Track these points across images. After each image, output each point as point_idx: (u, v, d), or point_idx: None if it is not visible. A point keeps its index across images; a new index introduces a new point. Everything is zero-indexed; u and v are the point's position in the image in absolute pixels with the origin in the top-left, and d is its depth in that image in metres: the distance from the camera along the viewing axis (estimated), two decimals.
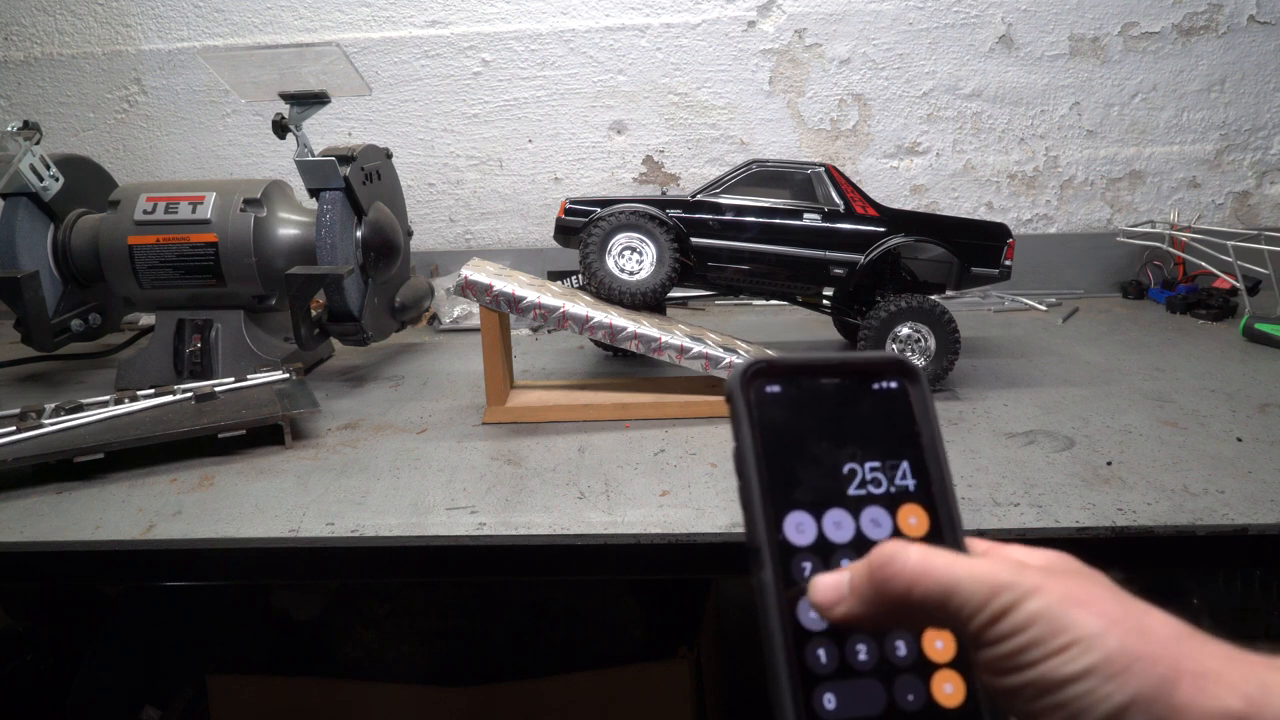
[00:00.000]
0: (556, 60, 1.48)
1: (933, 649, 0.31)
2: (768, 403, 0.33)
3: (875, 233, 0.96)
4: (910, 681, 0.31)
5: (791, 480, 0.33)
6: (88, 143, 1.55)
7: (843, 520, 0.32)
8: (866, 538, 0.32)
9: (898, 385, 0.34)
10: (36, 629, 1.31)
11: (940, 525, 0.33)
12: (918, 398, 0.34)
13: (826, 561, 0.32)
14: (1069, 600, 0.28)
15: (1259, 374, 0.99)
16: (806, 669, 0.31)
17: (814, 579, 0.31)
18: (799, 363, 0.34)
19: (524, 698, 1.06)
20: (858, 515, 0.32)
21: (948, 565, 0.29)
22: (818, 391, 0.34)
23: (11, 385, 1.10)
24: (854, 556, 0.32)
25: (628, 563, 0.68)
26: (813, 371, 0.34)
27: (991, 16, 1.43)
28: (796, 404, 0.33)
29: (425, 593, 1.20)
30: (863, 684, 0.31)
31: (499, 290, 0.87)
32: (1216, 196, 1.48)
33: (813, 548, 0.32)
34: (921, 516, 0.33)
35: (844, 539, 0.32)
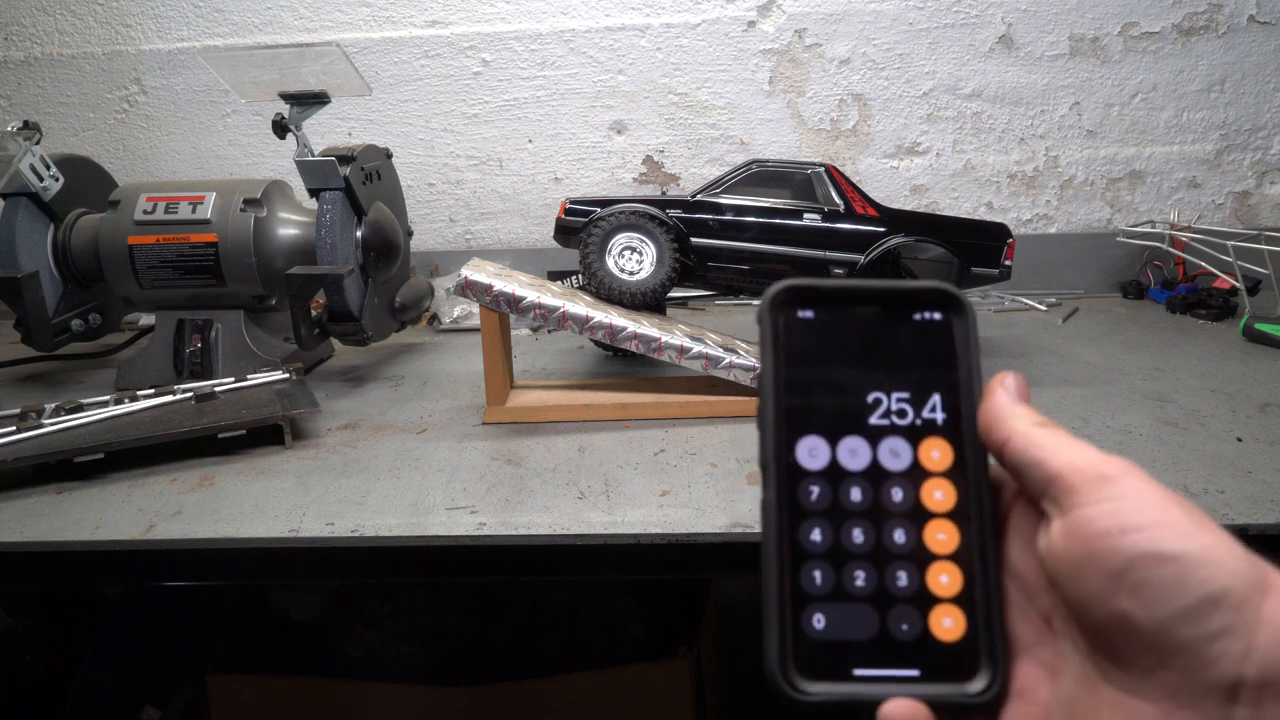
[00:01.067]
0: (556, 60, 1.48)
1: (937, 583, 0.31)
2: (797, 327, 0.33)
3: (875, 233, 0.96)
4: (906, 611, 0.31)
5: (811, 405, 0.32)
6: (88, 143, 1.55)
7: (859, 448, 0.32)
8: (882, 467, 0.32)
9: (941, 317, 0.33)
10: (36, 629, 1.31)
11: (965, 460, 0.32)
12: (960, 331, 0.33)
13: (835, 487, 0.32)
14: (1158, 490, 0.28)
15: (1259, 374, 0.99)
16: (799, 589, 0.31)
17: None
18: (834, 288, 0.33)
19: (524, 698, 1.06)
20: (876, 444, 0.32)
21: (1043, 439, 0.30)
22: (852, 318, 0.33)
23: (11, 385, 1.10)
24: (866, 485, 0.32)
25: (628, 563, 0.68)
26: (849, 298, 0.33)
27: (991, 16, 1.43)
28: (827, 329, 0.33)
29: (425, 593, 1.20)
30: (855, 608, 0.31)
31: (499, 290, 0.87)
32: (1216, 196, 1.48)
33: (823, 473, 0.32)
34: (945, 450, 0.32)
35: (858, 467, 0.32)
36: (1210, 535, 0.26)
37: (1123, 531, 0.27)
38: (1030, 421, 0.31)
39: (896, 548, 0.31)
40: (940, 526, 0.31)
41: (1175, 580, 0.26)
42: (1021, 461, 0.30)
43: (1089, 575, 0.27)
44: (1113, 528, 0.27)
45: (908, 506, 0.32)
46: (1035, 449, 0.30)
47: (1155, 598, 0.26)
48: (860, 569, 0.31)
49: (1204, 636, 0.25)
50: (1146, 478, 0.28)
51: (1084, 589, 0.28)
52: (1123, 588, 0.26)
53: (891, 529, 0.31)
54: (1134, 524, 0.27)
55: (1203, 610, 0.25)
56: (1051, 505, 0.29)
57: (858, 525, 0.31)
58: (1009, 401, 0.31)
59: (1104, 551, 0.27)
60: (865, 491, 0.32)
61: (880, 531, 0.31)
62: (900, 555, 0.31)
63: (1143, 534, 0.27)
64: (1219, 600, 0.25)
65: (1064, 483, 0.29)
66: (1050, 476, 0.29)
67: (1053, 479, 0.29)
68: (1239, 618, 0.25)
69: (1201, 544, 0.26)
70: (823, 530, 0.31)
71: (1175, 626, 0.26)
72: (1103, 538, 0.27)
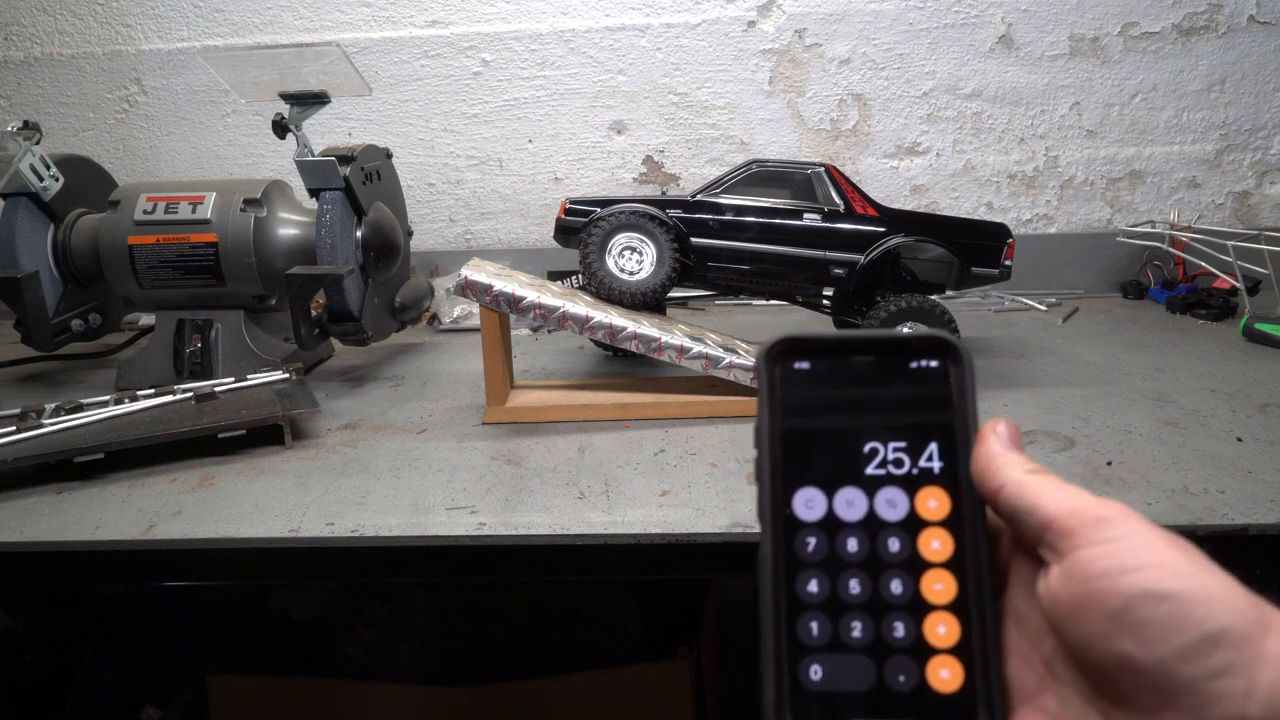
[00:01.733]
0: (556, 60, 1.48)
1: (934, 633, 0.31)
2: (794, 378, 0.33)
3: (875, 233, 0.96)
4: (903, 663, 0.30)
5: (808, 456, 0.33)
6: (88, 143, 1.55)
7: (855, 498, 0.32)
8: (879, 518, 0.32)
9: (938, 364, 0.33)
10: (36, 629, 1.31)
11: (962, 509, 0.32)
12: (957, 379, 0.33)
13: (832, 539, 0.32)
14: (1154, 531, 0.28)
15: (1259, 374, 0.99)
16: (796, 640, 0.31)
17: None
18: (830, 340, 0.34)
19: (524, 698, 1.06)
20: (873, 494, 0.32)
21: (1035, 486, 0.30)
22: (848, 368, 0.33)
23: (11, 385, 1.10)
24: (863, 536, 0.32)
25: (628, 563, 0.68)
26: (845, 349, 0.33)
27: (991, 16, 1.43)
28: (823, 380, 0.33)
29: (425, 593, 1.20)
30: (852, 659, 0.30)
31: (499, 290, 0.87)
32: (1216, 196, 1.48)
33: (820, 524, 0.32)
34: (942, 499, 0.32)
35: (854, 518, 0.32)
36: (1209, 575, 0.27)
37: (1122, 572, 0.27)
38: (1022, 469, 0.31)
39: (893, 598, 0.31)
40: (938, 576, 0.31)
41: (1175, 619, 0.26)
42: (1015, 509, 0.30)
43: (1088, 617, 0.27)
44: (1111, 568, 0.27)
45: (905, 557, 0.32)
46: (1029, 496, 0.30)
47: (1155, 637, 0.26)
48: (857, 620, 0.31)
49: (1205, 675, 0.25)
50: (1143, 519, 0.28)
51: (1083, 631, 0.28)
52: (1123, 628, 0.26)
53: (888, 579, 0.31)
54: (1133, 564, 0.27)
55: (1203, 649, 0.25)
56: (1048, 550, 0.29)
57: (855, 576, 0.31)
58: (1001, 449, 0.31)
59: (1103, 592, 0.27)
60: (862, 542, 0.32)
61: (877, 582, 0.31)
62: (897, 606, 0.31)
63: (1141, 574, 0.27)
64: (1219, 639, 0.25)
65: (1060, 527, 0.29)
66: (1045, 522, 0.29)
67: (1048, 524, 0.29)
68: (1240, 656, 0.25)
69: (1200, 583, 0.26)
70: (819, 581, 0.31)
71: (1176, 666, 0.26)
72: (1101, 578, 0.27)
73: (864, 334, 0.34)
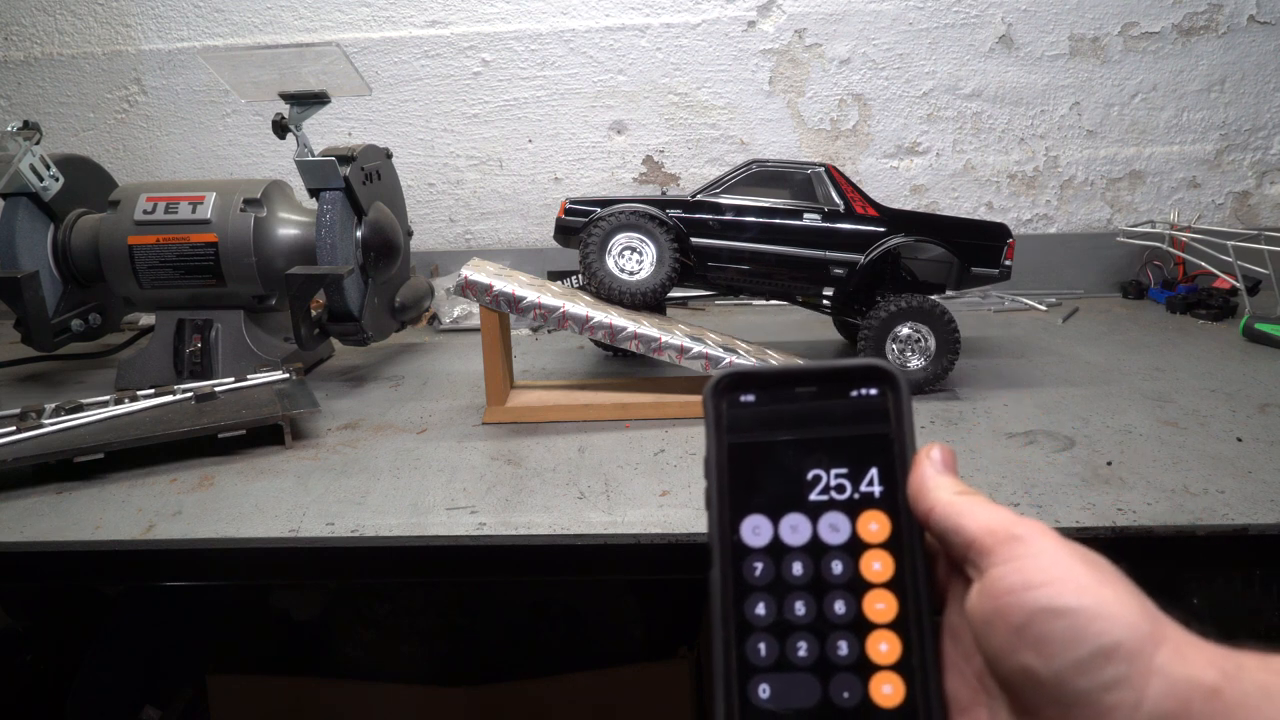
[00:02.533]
0: (556, 60, 1.48)
1: (876, 651, 0.32)
2: (740, 411, 0.35)
3: (875, 233, 0.96)
4: (847, 679, 0.31)
5: (754, 485, 0.34)
6: (88, 143, 1.55)
7: (799, 524, 0.33)
8: (822, 541, 0.33)
9: (876, 392, 0.34)
10: (36, 629, 1.31)
11: (901, 531, 0.33)
12: (894, 404, 0.34)
13: (778, 563, 0.33)
14: (1064, 548, 0.29)
15: (1259, 374, 0.99)
16: (745, 661, 0.32)
17: None
18: (772, 373, 0.35)
19: (524, 698, 1.06)
20: (816, 520, 0.33)
21: (959, 503, 0.31)
22: (791, 399, 0.35)
23: (11, 385, 1.10)
24: (807, 560, 0.33)
25: (628, 563, 0.68)
26: (787, 381, 0.35)
27: (991, 16, 1.43)
28: (767, 412, 0.35)
29: (425, 593, 1.20)
30: (798, 678, 0.32)
31: (499, 290, 0.87)
32: (1216, 196, 1.48)
33: (766, 549, 0.33)
34: (883, 522, 0.33)
35: (798, 542, 0.33)
36: (1109, 590, 0.28)
37: (1026, 588, 0.28)
38: (951, 490, 0.32)
39: (837, 618, 0.32)
40: (879, 596, 0.32)
41: (1072, 633, 0.27)
42: (944, 529, 0.31)
43: (996, 631, 0.29)
44: (1017, 584, 0.28)
45: (847, 578, 0.33)
46: (954, 516, 0.31)
47: (1053, 650, 0.27)
48: (803, 640, 0.32)
49: (1099, 687, 0.26)
50: (1057, 537, 0.29)
51: (993, 644, 0.29)
52: (1025, 642, 0.28)
53: (832, 600, 0.32)
54: (1036, 580, 0.28)
55: (1096, 662, 0.27)
56: (972, 569, 0.31)
57: (800, 598, 0.32)
58: (933, 473, 0.33)
59: (1008, 608, 0.28)
60: (806, 566, 0.33)
61: (821, 603, 0.32)
62: (841, 625, 0.32)
63: (1043, 590, 0.28)
64: (1111, 652, 0.26)
65: (979, 545, 0.30)
66: (968, 541, 0.30)
67: (970, 543, 0.30)
68: (1131, 669, 0.26)
69: (1098, 598, 0.27)
70: (766, 604, 0.33)
71: (1072, 678, 0.27)
72: (1008, 594, 0.28)
73: (804, 367, 0.35)
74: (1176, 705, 0.26)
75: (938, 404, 0.92)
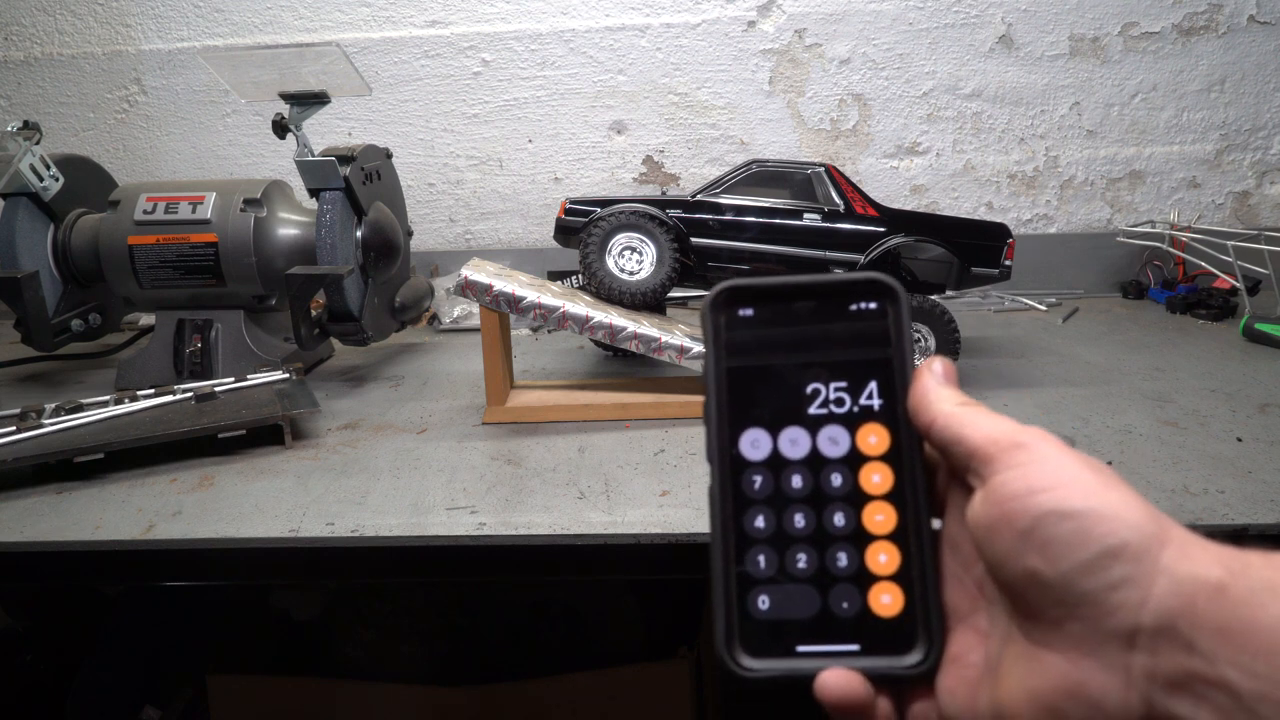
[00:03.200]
0: (556, 60, 1.48)
1: (875, 561, 0.32)
2: (738, 325, 0.35)
3: (875, 233, 0.96)
4: (847, 590, 0.32)
5: (753, 399, 0.34)
6: (88, 143, 1.55)
7: (799, 437, 0.34)
8: (821, 454, 0.33)
9: (876, 305, 0.34)
10: (36, 629, 1.31)
11: (901, 443, 0.33)
12: (894, 318, 0.34)
13: (777, 476, 0.33)
14: (1067, 453, 0.29)
15: (1259, 374, 0.99)
16: (745, 573, 0.32)
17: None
18: (772, 285, 0.35)
19: (524, 698, 1.06)
20: (815, 433, 0.33)
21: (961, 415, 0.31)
22: (790, 313, 0.34)
23: (11, 385, 1.10)
24: (806, 473, 0.33)
25: (628, 563, 0.68)
26: (786, 294, 0.35)
27: (991, 16, 1.43)
28: (766, 325, 0.35)
29: (425, 593, 1.20)
30: (797, 589, 0.32)
31: (499, 290, 0.87)
32: (1216, 196, 1.48)
33: (765, 462, 0.33)
34: (882, 435, 0.33)
35: (798, 455, 0.33)
36: (1114, 493, 0.28)
37: (1030, 492, 0.28)
38: (953, 402, 0.32)
39: (836, 530, 0.33)
40: (878, 508, 0.33)
41: (1077, 535, 0.27)
42: (945, 440, 0.32)
43: (1001, 536, 0.29)
44: (1022, 489, 0.28)
45: (847, 490, 0.33)
46: (956, 427, 0.31)
47: (1059, 553, 0.27)
48: (802, 552, 0.32)
49: (1104, 587, 0.27)
50: (1059, 443, 0.30)
51: (997, 550, 0.29)
52: (1030, 545, 0.28)
53: (832, 513, 0.33)
54: (1041, 485, 0.28)
55: (1102, 563, 0.27)
56: (974, 477, 0.31)
57: (799, 511, 0.33)
58: (935, 384, 0.33)
59: (1014, 512, 0.28)
60: (805, 478, 0.33)
61: (821, 515, 0.33)
62: (840, 537, 0.32)
63: (1049, 494, 0.28)
64: (1118, 552, 0.27)
65: (982, 454, 0.30)
66: (971, 450, 0.31)
67: (973, 452, 0.31)
68: (1137, 569, 0.27)
69: (1104, 500, 0.27)
70: (765, 517, 0.33)
71: (1078, 579, 0.27)
72: (1013, 499, 0.28)
73: (803, 279, 0.35)
74: (1181, 603, 0.26)
75: None
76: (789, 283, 0.34)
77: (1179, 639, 0.26)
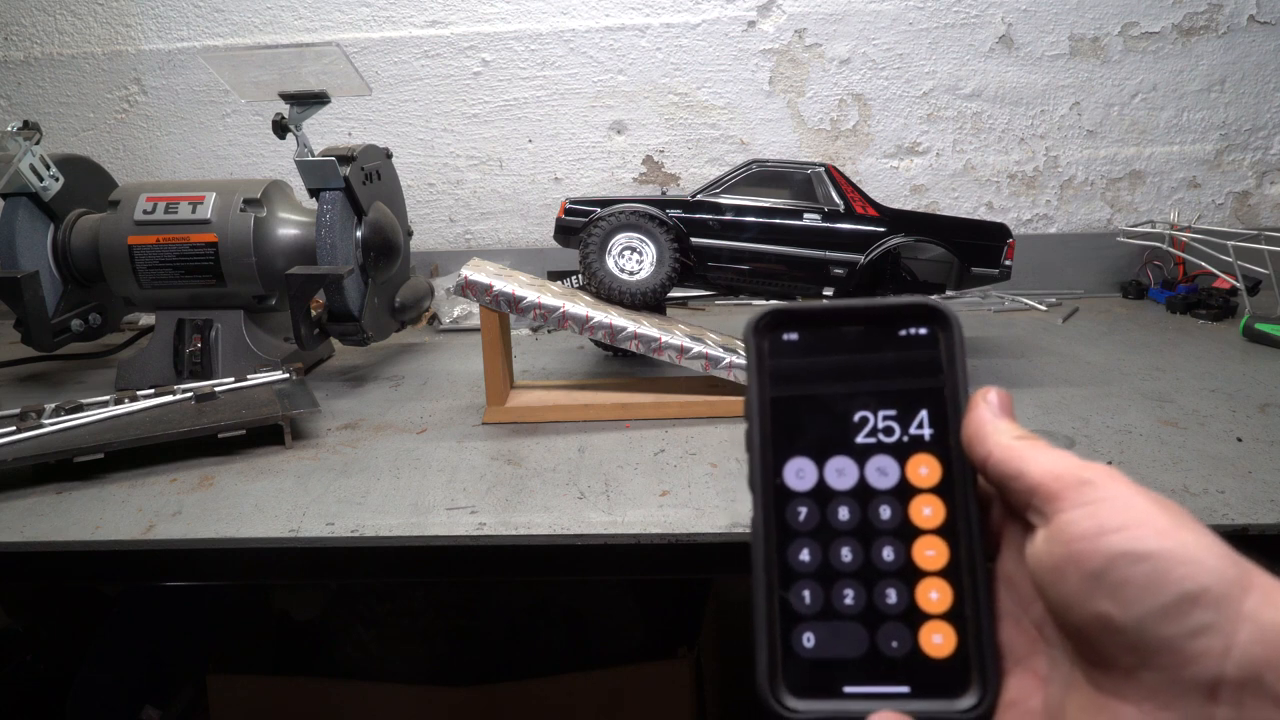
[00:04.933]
0: (556, 60, 1.48)
1: (926, 599, 0.31)
2: (783, 349, 0.33)
3: (875, 233, 0.96)
4: (896, 628, 0.30)
5: (798, 426, 0.33)
6: (88, 143, 1.55)
7: (846, 467, 0.32)
8: (870, 485, 0.32)
9: (927, 331, 0.33)
10: (36, 629, 1.31)
11: (953, 475, 0.32)
12: (946, 345, 0.33)
13: (824, 508, 0.32)
14: (1137, 492, 0.28)
15: (1259, 374, 0.99)
16: (789, 608, 0.31)
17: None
18: (818, 310, 0.33)
19: (524, 698, 1.06)
20: (863, 463, 0.32)
21: (1022, 449, 0.30)
22: (836, 338, 0.33)
23: (11, 385, 1.10)
24: (854, 504, 0.32)
25: (628, 563, 0.68)
26: (832, 319, 0.33)
27: (991, 16, 1.43)
28: (812, 350, 0.33)
29: (425, 593, 1.20)
30: (845, 626, 0.31)
31: (499, 290, 0.87)
32: (1216, 196, 1.48)
33: (810, 493, 0.32)
34: (933, 466, 0.32)
35: (845, 486, 0.32)
36: (1189, 533, 0.26)
37: (1101, 533, 0.27)
38: (1011, 434, 0.31)
39: (885, 565, 0.31)
40: (929, 543, 0.31)
41: (1153, 578, 0.26)
42: (1004, 474, 0.30)
43: (1069, 578, 0.27)
44: (1091, 529, 0.27)
45: (896, 524, 0.31)
46: (1015, 461, 0.30)
47: (1134, 596, 0.26)
48: (849, 588, 0.31)
49: (1183, 634, 0.25)
50: (1127, 481, 0.28)
51: (1064, 592, 0.28)
52: (1102, 588, 0.26)
53: (880, 547, 0.31)
54: (1112, 525, 0.27)
55: (1181, 608, 0.25)
56: (1035, 515, 0.29)
57: (846, 544, 0.31)
58: (991, 416, 0.31)
59: (1083, 553, 0.27)
60: (853, 510, 0.32)
61: (869, 549, 0.31)
62: (889, 573, 0.31)
63: (1121, 534, 0.27)
64: (1198, 598, 0.25)
65: (1045, 491, 0.29)
66: (1032, 487, 0.29)
67: (1034, 489, 0.29)
68: (1219, 615, 0.25)
69: (1179, 541, 0.26)
70: (811, 550, 0.31)
71: (1154, 625, 0.26)
72: (1082, 540, 0.27)
73: (851, 303, 0.34)
74: (1268, 652, 0.24)
75: None
76: (835, 307, 0.33)
77: (1266, 691, 0.24)
